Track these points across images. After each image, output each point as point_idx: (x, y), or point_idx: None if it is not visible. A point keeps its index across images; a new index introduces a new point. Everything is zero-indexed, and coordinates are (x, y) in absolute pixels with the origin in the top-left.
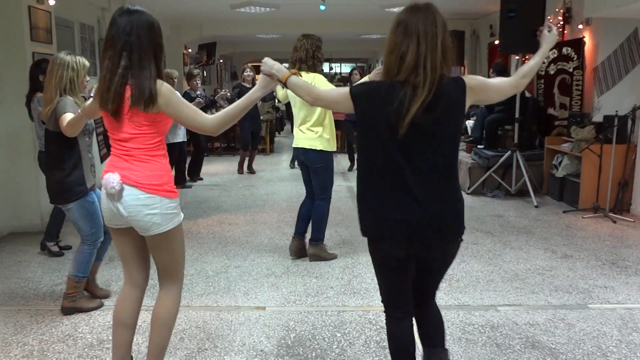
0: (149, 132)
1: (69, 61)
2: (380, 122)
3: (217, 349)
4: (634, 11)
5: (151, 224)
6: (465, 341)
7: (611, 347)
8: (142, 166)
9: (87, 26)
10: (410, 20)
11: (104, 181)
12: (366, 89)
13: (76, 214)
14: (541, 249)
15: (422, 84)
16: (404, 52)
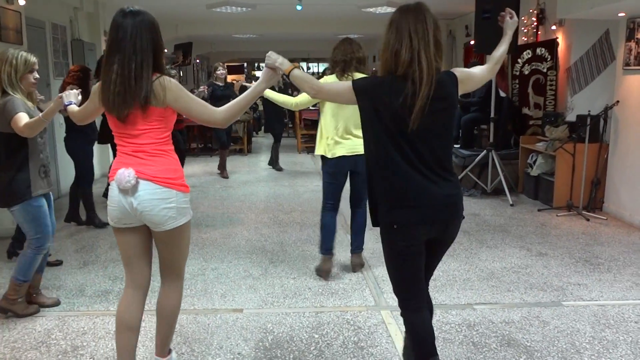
0: (158, 127)
1: (9, 56)
2: (388, 116)
3: (194, 352)
4: (606, 12)
5: (167, 218)
6: (442, 340)
7: (584, 344)
8: (156, 160)
9: (59, 26)
10: (401, 19)
11: (118, 177)
12: (369, 83)
13: (20, 218)
14: (516, 247)
15: (421, 78)
16: (398, 48)
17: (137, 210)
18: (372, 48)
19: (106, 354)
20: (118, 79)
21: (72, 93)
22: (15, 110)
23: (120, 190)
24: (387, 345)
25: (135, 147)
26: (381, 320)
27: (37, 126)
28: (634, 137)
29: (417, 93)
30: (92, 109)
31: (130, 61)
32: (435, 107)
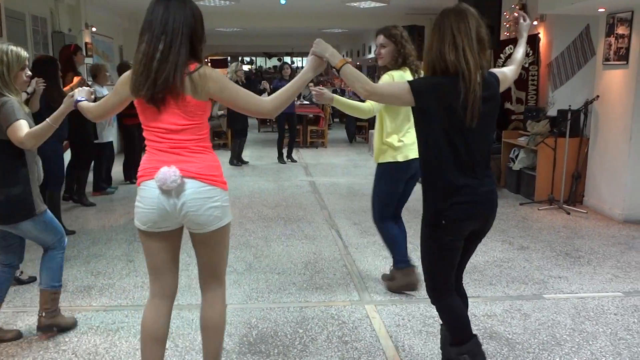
0: (200, 122)
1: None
2: (445, 115)
3: (178, 348)
4: (586, 8)
5: (212, 217)
6: (425, 334)
7: (565, 336)
8: (199, 157)
9: (40, 18)
10: (443, 20)
11: (161, 176)
12: (428, 84)
13: (33, 232)
14: (499, 241)
15: (470, 76)
16: (442, 48)
17: (181, 211)
18: (357, 42)
19: (88, 349)
20: (143, 59)
21: (84, 90)
22: (16, 116)
23: (163, 191)
24: (371, 340)
25: (174, 143)
26: (365, 315)
27: (44, 134)
28: (613, 132)
29: (470, 91)
30: (116, 102)
31: (158, 42)
32: (484, 106)
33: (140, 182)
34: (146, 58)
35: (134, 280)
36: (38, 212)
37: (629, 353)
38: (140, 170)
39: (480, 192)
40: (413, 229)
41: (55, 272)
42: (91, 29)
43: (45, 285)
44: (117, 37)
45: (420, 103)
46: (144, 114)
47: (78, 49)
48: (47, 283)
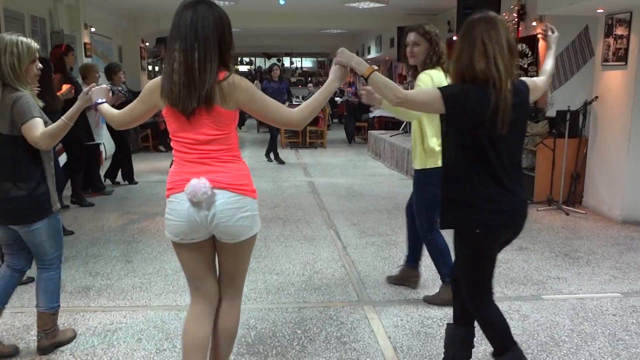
0: (229, 132)
1: (7, 43)
2: (476, 122)
3: (176, 349)
4: (585, 9)
5: (243, 228)
6: (424, 335)
7: (563, 337)
8: (228, 167)
9: (39, 18)
10: (472, 27)
11: (192, 189)
12: (459, 91)
13: (43, 235)
14: None
15: (501, 83)
16: (473, 55)
17: (212, 222)
18: (356, 43)
19: (86, 350)
20: (182, 68)
21: (101, 89)
22: (31, 112)
23: (193, 203)
24: (370, 340)
25: (203, 154)
26: (364, 316)
27: (60, 133)
28: (612, 132)
29: (500, 99)
30: (143, 111)
31: (193, 50)
32: (515, 114)
33: (169, 194)
34: (185, 67)
35: (132, 281)
36: (54, 209)
37: (627, 354)
38: (169, 183)
39: (513, 200)
40: None
41: (53, 293)
42: (90, 29)
43: (44, 307)
44: (116, 37)
45: (451, 111)
46: (173, 124)
47: (69, 49)
48: (45, 305)
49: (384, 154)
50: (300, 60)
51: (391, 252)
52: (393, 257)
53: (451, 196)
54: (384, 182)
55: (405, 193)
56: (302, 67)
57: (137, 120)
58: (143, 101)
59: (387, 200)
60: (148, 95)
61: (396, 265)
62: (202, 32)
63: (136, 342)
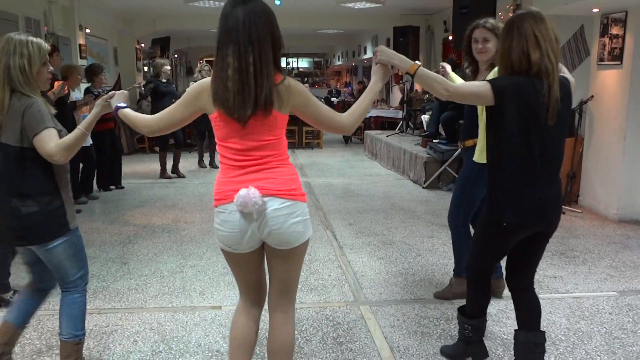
0: (281, 137)
1: (16, 43)
2: (525, 115)
3: (171, 350)
4: (580, 8)
5: (296, 234)
6: (420, 334)
7: (560, 336)
8: (276, 172)
9: (33, 20)
10: (521, 22)
11: (242, 200)
12: (509, 83)
13: (62, 254)
14: None
15: (553, 76)
16: (525, 49)
17: (263, 230)
18: (352, 43)
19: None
20: (236, 75)
21: (122, 94)
22: (44, 122)
23: (244, 214)
24: (366, 341)
25: (254, 160)
26: (360, 316)
27: (77, 144)
28: (608, 132)
29: (552, 90)
30: (185, 116)
31: (247, 54)
32: (563, 106)
33: (218, 204)
34: (239, 74)
35: (128, 283)
36: (72, 227)
37: (623, 352)
38: (217, 193)
39: (551, 195)
40: (408, 230)
41: (77, 318)
42: (85, 30)
43: (67, 335)
44: (111, 38)
45: (500, 101)
46: (224, 129)
47: (54, 50)
48: (69, 333)
49: (380, 154)
50: (297, 61)
51: (387, 252)
52: (389, 257)
53: (495, 191)
54: (380, 182)
55: (402, 193)
56: (299, 68)
57: (176, 125)
58: (186, 105)
59: (383, 200)
60: (193, 99)
61: (392, 265)
62: (256, 35)
63: (132, 344)
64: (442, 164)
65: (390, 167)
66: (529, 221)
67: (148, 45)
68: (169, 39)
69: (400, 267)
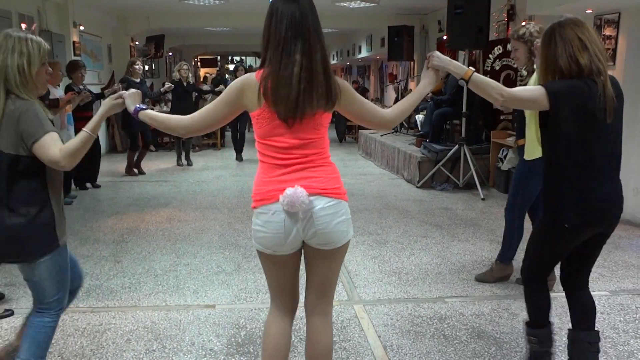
0: (324, 135)
1: (15, 41)
2: (581, 117)
3: (165, 349)
4: (574, 9)
5: (340, 233)
6: (413, 334)
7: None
8: (321, 171)
9: (27, 17)
10: (562, 29)
11: (290, 199)
12: (564, 87)
13: (44, 273)
14: (487, 241)
15: (605, 78)
16: (573, 54)
17: (309, 231)
18: (347, 42)
19: (75, 351)
20: (303, 73)
21: (136, 93)
22: (44, 127)
23: (290, 214)
24: (360, 339)
25: (298, 158)
26: (354, 315)
27: (84, 148)
28: None
29: (605, 90)
30: (227, 113)
31: (314, 51)
32: (618, 106)
33: (259, 205)
34: (307, 72)
35: (122, 281)
36: (61, 242)
37: (615, 351)
38: (258, 193)
39: (611, 194)
40: (402, 229)
41: (41, 345)
42: (79, 27)
43: (24, 358)
44: (105, 36)
45: (555, 104)
46: (266, 127)
47: (58, 66)
48: (27, 358)
49: (374, 153)
50: None
51: (381, 251)
52: (383, 256)
53: (551, 193)
54: (374, 181)
55: (396, 192)
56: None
57: (218, 124)
58: (228, 103)
59: (377, 200)
60: (236, 97)
61: (386, 264)
62: (320, 30)
63: (125, 342)
64: (436, 163)
65: (384, 166)
66: (591, 221)
67: (142, 43)
68: (163, 36)
69: (393, 266)
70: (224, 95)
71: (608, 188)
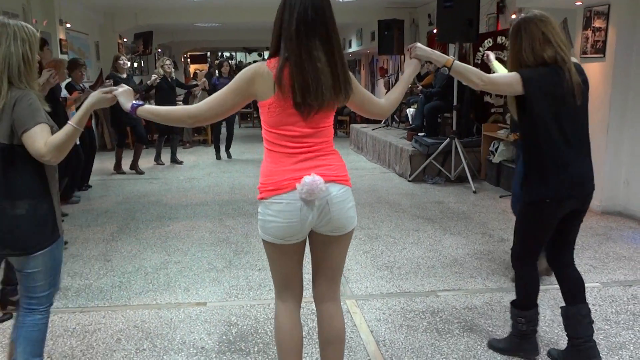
0: (331, 124)
1: (15, 28)
2: (554, 98)
3: (156, 348)
4: (564, 1)
5: (351, 218)
6: (406, 328)
7: (544, 327)
8: (330, 159)
9: (11, 14)
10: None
11: (309, 187)
12: (535, 73)
13: (40, 265)
14: (479, 234)
15: (569, 65)
16: (533, 46)
17: (324, 217)
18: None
19: (64, 352)
20: (326, 68)
21: (126, 91)
22: (36, 118)
23: (306, 202)
24: (352, 335)
25: (309, 147)
26: (346, 310)
27: (69, 142)
28: (591, 124)
29: (571, 78)
30: (236, 102)
31: (334, 48)
32: (585, 89)
33: (272, 194)
34: (330, 67)
35: (112, 281)
36: (60, 232)
37: (606, 343)
38: (269, 183)
39: (585, 171)
40: (394, 223)
41: (37, 344)
42: (65, 25)
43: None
44: (92, 33)
45: (529, 88)
46: (277, 116)
47: (44, 43)
48: (25, 358)
49: (366, 148)
50: None
51: (373, 246)
52: (375, 251)
53: (530, 172)
54: (366, 175)
55: (387, 186)
56: None
57: (226, 113)
58: (238, 92)
59: (369, 194)
60: (246, 85)
61: (378, 259)
62: (334, 26)
63: (115, 342)
64: (427, 157)
65: (375, 160)
66: (570, 195)
67: (130, 40)
68: (151, 33)
69: (386, 260)
70: (233, 84)
71: (582, 164)
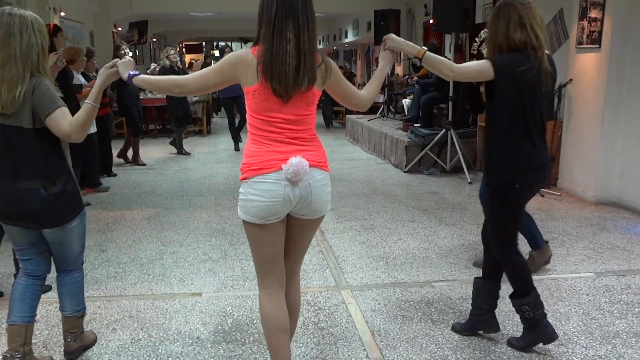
0: (314, 112)
1: (29, 19)
2: (520, 86)
3: (151, 338)
4: None
5: (326, 203)
6: (401, 318)
7: None
8: (312, 145)
9: (4, 2)
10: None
11: (295, 168)
12: (506, 60)
13: (75, 233)
14: (474, 224)
15: (542, 52)
16: (507, 29)
17: (305, 199)
18: (333, 27)
19: (60, 342)
20: (294, 51)
21: (130, 62)
22: (56, 102)
23: (291, 182)
24: (347, 325)
25: (293, 133)
26: (341, 301)
27: (90, 119)
28: (586, 115)
29: (542, 61)
30: (217, 82)
31: (304, 30)
32: (553, 77)
33: (256, 174)
34: (297, 50)
35: (107, 271)
36: (84, 204)
37: (600, 332)
38: (254, 163)
39: (545, 156)
40: (389, 214)
41: (79, 295)
42: (60, 13)
43: (70, 311)
44: (87, 22)
45: (500, 75)
46: (263, 102)
47: (58, 30)
48: (72, 309)
49: (361, 138)
50: None
51: (369, 237)
52: (371, 241)
53: (496, 157)
54: (362, 166)
55: (383, 177)
56: None
57: (208, 89)
58: (220, 72)
59: (364, 185)
60: (228, 68)
61: (374, 250)
62: (310, 11)
63: (111, 332)
64: (423, 148)
65: (371, 151)
66: (536, 180)
67: (125, 29)
68: (146, 22)
69: (381, 251)
70: (218, 64)
71: (542, 150)
